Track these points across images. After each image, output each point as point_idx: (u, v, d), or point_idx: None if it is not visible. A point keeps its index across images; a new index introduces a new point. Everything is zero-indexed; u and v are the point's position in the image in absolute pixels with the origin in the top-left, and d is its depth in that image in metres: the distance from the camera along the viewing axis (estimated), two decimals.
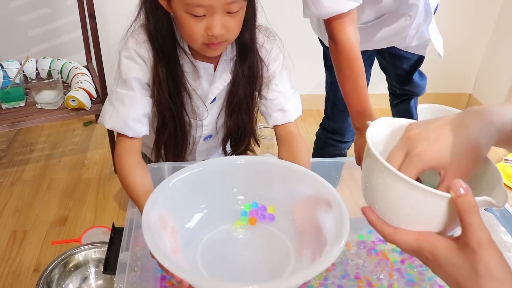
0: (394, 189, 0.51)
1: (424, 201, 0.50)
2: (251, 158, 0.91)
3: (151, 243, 0.66)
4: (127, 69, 0.93)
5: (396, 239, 0.53)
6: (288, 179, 0.84)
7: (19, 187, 1.62)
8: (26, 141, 1.91)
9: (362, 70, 0.98)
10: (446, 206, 0.49)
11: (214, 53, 0.91)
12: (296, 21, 2.06)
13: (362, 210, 0.57)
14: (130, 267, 0.75)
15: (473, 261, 0.47)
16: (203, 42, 0.86)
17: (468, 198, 0.47)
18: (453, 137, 0.51)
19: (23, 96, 1.56)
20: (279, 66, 1.04)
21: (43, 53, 1.93)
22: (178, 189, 0.80)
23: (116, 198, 1.56)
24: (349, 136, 1.42)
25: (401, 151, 0.53)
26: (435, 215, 0.50)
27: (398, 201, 0.52)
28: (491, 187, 0.55)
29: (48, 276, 1.05)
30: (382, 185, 0.53)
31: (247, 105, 1.04)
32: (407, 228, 0.53)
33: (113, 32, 1.88)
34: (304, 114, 1.13)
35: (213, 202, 0.86)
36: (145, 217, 0.70)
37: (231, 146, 1.14)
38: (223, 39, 0.86)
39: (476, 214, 0.47)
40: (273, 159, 0.91)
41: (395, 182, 0.51)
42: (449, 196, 0.48)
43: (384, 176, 0.52)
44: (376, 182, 0.54)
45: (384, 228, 0.54)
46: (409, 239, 0.52)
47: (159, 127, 1.02)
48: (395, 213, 0.53)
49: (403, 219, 0.53)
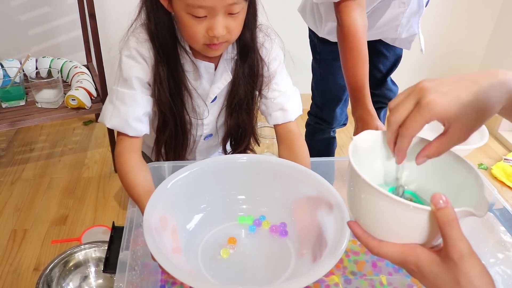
0: (377, 205, 0.53)
1: (406, 215, 0.51)
2: (251, 157, 0.90)
3: (152, 245, 0.66)
4: (128, 68, 0.93)
5: (381, 252, 0.54)
6: (289, 179, 0.84)
7: (19, 186, 1.62)
8: (26, 140, 1.91)
9: (365, 55, 0.98)
10: (427, 218, 0.50)
11: (215, 53, 0.91)
12: (296, 20, 2.06)
13: (348, 224, 0.59)
14: (130, 266, 0.75)
15: (454, 272, 0.48)
16: (204, 43, 0.86)
17: (448, 211, 0.49)
18: (465, 92, 0.52)
19: (23, 95, 1.56)
20: (279, 65, 1.04)
21: (43, 52, 1.93)
22: (178, 189, 0.80)
23: (116, 197, 1.57)
24: (336, 124, 1.46)
25: (410, 100, 0.54)
26: (417, 228, 0.52)
27: (382, 216, 0.53)
28: (474, 195, 0.55)
29: (48, 275, 1.05)
30: (365, 200, 0.54)
31: (247, 104, 1.04)
32: (392, 240, 0.54)
33: (113, 31, 1.88)
34: (304, 114, 1.13)
35: (214, 201, 0.86)
36: (146, 218, 0.70)
37: (231, 145, 1.15)
38: (224, 40, 0.86)
39: (455, 226, 0.49)
40: (274, 158, 0.91)
41: (377, 198, 0.52)
42: (429, 209, 0.49)
43: (367, 193, 0.53)
44: (359, 197, 0.55)
45: (369, 242, 0.55)
46: (394, 252, 0.53)
47: (159, 126, 1.02)
48: (379, 227, 0.55)
49: (387, 232, 0.54)
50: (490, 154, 1.97)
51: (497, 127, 2.10)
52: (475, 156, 1.92)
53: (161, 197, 0.76)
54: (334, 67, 1.34)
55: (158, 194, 0.77)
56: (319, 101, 1.44)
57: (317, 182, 0.81)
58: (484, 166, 1.86)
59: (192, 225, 0.84)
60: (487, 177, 1.76)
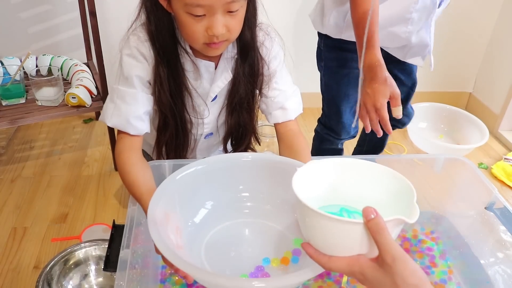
0: (318, 225, 0.58)
1: (343, 229, 0.57)
2: (256, 155, 0.90)
3: (156, 237, 0.66)
4: (128, 67, 0.93)
5: (332, 266, 0.60)
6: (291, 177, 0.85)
7: (19, 184, 1.62)
8: (26, 138, 1.91)
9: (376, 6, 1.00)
10: (362, 230, 0.56)
11: (215, 52, 0.90)
12: (296, 19, 2.06)
13: (302, 246, 0.63)
14: (131, 264, 0.75)
15: (391, 274, 0.54)
16: (204, 42, 0.86)
17: (377, 220, 0.55)
18: None
19: (23, 93, 1.56)
20: (279, 64, 1.04)
21: (43, 50, 1.93)
22: (183, 186, 0.81)
23: (117, 196, 1.57)
24: (344, 135, 1.44)
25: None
26: (356, 240, 0.57)
27: (325, 234, 0.59)
28: (408, 203, 0.62)
29: (48, 273, 1.05)
30: (310, 223, 0.60)
31: (248, 103, 1.05)
32: (339, 254, 0.59)
33: (113, 29, 1.88)
34: (304, 112, 1.13)
35: (218, 199, 0.86)
36: (150, 212, 0.71)
37: (232, 144, 1.15)
38: (224, 39, 0.86)
39: (385, 233, 0.54)
40: (278, 157, 0.91)
41: (317, 218, 0.58)
42: (362, 221, 0.55)
43: (309, 216, 0.59)
44: (305, 221, 0.62)
45: (320, 259, 0.60)
46: (341, 265, 0.59)
47: (160, 126, 1.02)
48: (326, 244, 0.60)
49: (333, 248, 0.60)
50: (490, 153, 1.97)
51: (497, 127, 2.10)
52: (475, 155, 1.92)
53: (165, 192, 0.76)
54: (338, 75, 1.33)
55: (163, 189, 0.77)
56: (326, 110, 1.43)
57: None
58: (484, 166, 1.86)
59: (196, 222, 0.84)
60: (487, 176, 1.76)
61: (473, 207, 1.07)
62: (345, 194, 0.71)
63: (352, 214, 0.67)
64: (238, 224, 0.86)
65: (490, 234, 1.01)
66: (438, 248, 1.05)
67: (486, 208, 1.01)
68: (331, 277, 0.93)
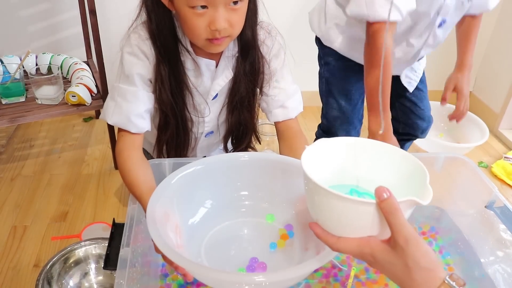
0: (329, 204, 0.57)
1: (355, 210, 0.55)
2: (254, 155, 0.91)
3: (155, 234, 0.66)
4: (129, 65, 0.93)
5: (340, 248, 0.58)
6: (292, 175, 0.84)
7: (19, 182, 1.61)
8: (26, 137, 1.91)
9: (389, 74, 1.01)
10: (374, 211, 0.54)
11: (217, 49, 0.90)
12: (297, 17, 2.06)
13: (309, 225, 0.62)
14: (131, 263, 0.75)
15: (403, 257, 0.53)
16: (206, 38, 0.86)
17: (390, 201, 0.53)
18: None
19: (23, 91, 1.56)
20: (280, 62, 1.04)
21: (43, 48, 1.93)
22: (182, 186, 0.81)
23: (116, 194, 1.57)
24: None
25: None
26: (367, 221, 0.55)
27: (335, 213, 0.57)
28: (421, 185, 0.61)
29: (49, 271, 1.05)
30: (319, 201, 0.59)
31: (248, 102, 1.04)
32: (348, 235, 0.58)
33: (113, 27, 1.87)
34: (305, 111, 1.13)
35: (217, 198, 0.86)
36: (149, 211, 0.71)
37: (233, 143, 1.14)
38: (226, 34, 0.86)
39: (399, 214, 0.53)
40: (276, 155, 0.91)
41: (327, 197, 0.56)
42: (375, 202, 0.54)
43: (319, 194, 0.58)
44: (314, 199, 0.60)
45: (328, 239, 0.59)
46: (350, 246, 0.57)
47: (161, 125, 1.02)
48: (335, 224, 0.59)
49: (343, 228, 0.58)
50: (490, 152, 1.97)
51: (498, 125, 2.10)
52: (475, 154, 1.92)
53: (164, 193, 0.76)
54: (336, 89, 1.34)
55: (161, 190, 0.77)
56: (325, 124, 1.43)
57: None
58: (484, 164, 1.86)
59: (195, 221, 0.84)
60: (487, 175, 1.76)
61: (473, 205, 1.07)
62: (355, 175, 0.69)
63: (363, 195, 0.65)
64: (237, 223, 0.86)
65: (490, 232, 1.01)
66: (437, 244, 1.05)
67: (486, 207, 1.01)
68: (337, 278, 0.93)
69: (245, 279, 0.64)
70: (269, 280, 0.61)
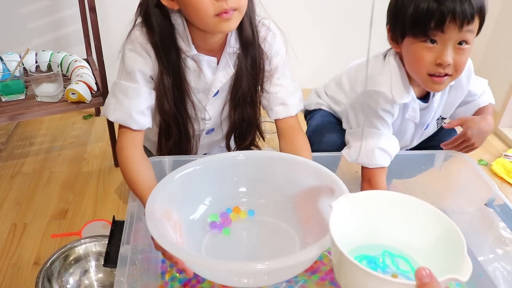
0: (364, 283, 0.54)
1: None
2: (251, 153, 0.91)
3: (154, 230, 0.66)
4: (131, 62, 0.93)
5: None
6: (291, 171, 0.85)
7: (19, 180, 1.61)
8: (26, 134, 1.90)
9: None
10: None
11: (228, 25, 0.85)
12: (298, 15, 2.05)
13: None
14: (131, 260, 0.75)
15: None
16: (214, 13, 0.82)
17: (432, 285, 0.50)
18: None
19: (22, 89, 1.56)
20: (281, 60, 1.04)
21: (43, 45, 1.92)
22: (180, 184, 0.81)
23: (117, 192, 1.56)
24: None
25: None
26: None
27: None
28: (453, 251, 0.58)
29: (49, 269, 1.05)
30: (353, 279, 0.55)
31: (251, 98, 1.04)
32: None
33: (113, 25, 1.87)
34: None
35: (216, 196, 0.87)
36: (149, 208, 0.71)
37: (236, 141, 1.14)
38: (234, 5, 0.82)
39: None
40: (275, 152, 0.91)
41: (363, 277, 0.53)
42: (415, 284, 0.51)
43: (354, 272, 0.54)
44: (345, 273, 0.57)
45: None
46: None
47: (163, 134, 1.02)
48: None
49: None
50: (490, 150, 1.96)
51: (497, 123, 2.10)
52: (475, 152, 1.90)
53: (164, 191, 0.77)
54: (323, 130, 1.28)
55: (161, 188, 0.77)
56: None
57: (319, 171, 0.81)
58: (484, 162, 1.86)
59: (195, 219, 0.84)
60: (487, 173, 1.76)
61: (473, 203, 1.07)
62: (384, 233, 0.66)
63: (396, 259, 0.63)
64: (237, 221, 0.86)
65: (490, 230, 1.01)
66: None
67: (486, 205, 1.02)
68: (334, 283, 0.93)
69: (245, 268, 0.62)
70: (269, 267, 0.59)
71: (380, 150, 1.02)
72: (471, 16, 0.86)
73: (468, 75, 1.10)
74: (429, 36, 0.89)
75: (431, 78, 0.93)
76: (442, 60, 0.89)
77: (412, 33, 0.91)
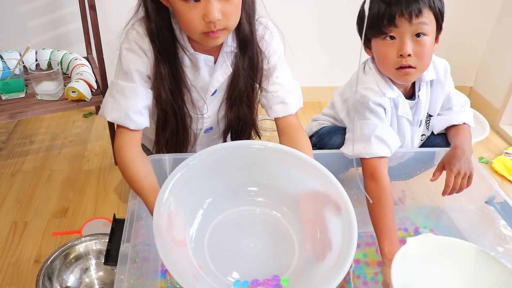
0: None
1: None
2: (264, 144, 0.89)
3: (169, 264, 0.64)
4: (128, 61, 0.92)
5: None
6: (297, 169, 0.84)
7: (19, 178, 1.61)
8: (26, 133, 1.90)
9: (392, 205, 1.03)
10: None
11: (214, 42, 0.88)
12: (297, 13, 2.05)
13: None
14: (131, 259, 0.76)
15: None
16: (202, 31, 0.84)
17: None
18: None
19: (23, 87, 1.56)
20: (279, 58, 1.03)
21: (43, 44, 1.92)
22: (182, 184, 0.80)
23: (117, 190, 1.57)
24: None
25: None
26: None
27: None
28: None
29: (49, 267, 1.05)
30: None
31: (247, 97, 1.04)
32: None
33: (113, 23, 1.87)
34: (304, 106, 1.12)
35: (219, 192, 0.86)
36: (156, 216, 0.69)
37: (232, 138, 1.14)
38: (221, 26, 0.84)
39: None
40: (284, 147, 0.89)
41: None
42: None
43: None
44: None
45: None
46: None
47: (160, 124, 1.01)
48: None
49: None
50: (491, 147, 1.96)
51: (498, 121, 2.10)
52: (475, 149, 1.92)
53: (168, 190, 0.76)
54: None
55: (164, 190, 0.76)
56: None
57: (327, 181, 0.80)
58: (485, 160, 1.86)
59: (199, 219, 0.83)
60: (487, 170, 1.76)
61: (474, 201, 1.07)
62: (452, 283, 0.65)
63: None
64: (239, 214, 0.86)
65: (490, 228, 1.01)
66: None
67: (487, 202, 1.02)
68: None
69: None
70: None
71: (376, 138, 1.04)
72: (418, 10, 0.95)
73: (445, 72, 1.18)
74: (386, 33, 0.99)
75: (399, 70, 1.01)
76: (402, 51, 0.98)
77: (373, 34, 1.02)
